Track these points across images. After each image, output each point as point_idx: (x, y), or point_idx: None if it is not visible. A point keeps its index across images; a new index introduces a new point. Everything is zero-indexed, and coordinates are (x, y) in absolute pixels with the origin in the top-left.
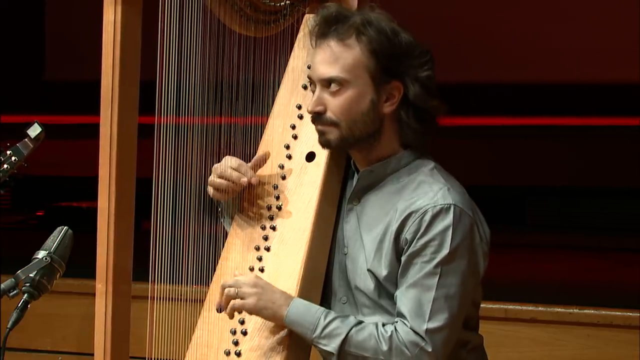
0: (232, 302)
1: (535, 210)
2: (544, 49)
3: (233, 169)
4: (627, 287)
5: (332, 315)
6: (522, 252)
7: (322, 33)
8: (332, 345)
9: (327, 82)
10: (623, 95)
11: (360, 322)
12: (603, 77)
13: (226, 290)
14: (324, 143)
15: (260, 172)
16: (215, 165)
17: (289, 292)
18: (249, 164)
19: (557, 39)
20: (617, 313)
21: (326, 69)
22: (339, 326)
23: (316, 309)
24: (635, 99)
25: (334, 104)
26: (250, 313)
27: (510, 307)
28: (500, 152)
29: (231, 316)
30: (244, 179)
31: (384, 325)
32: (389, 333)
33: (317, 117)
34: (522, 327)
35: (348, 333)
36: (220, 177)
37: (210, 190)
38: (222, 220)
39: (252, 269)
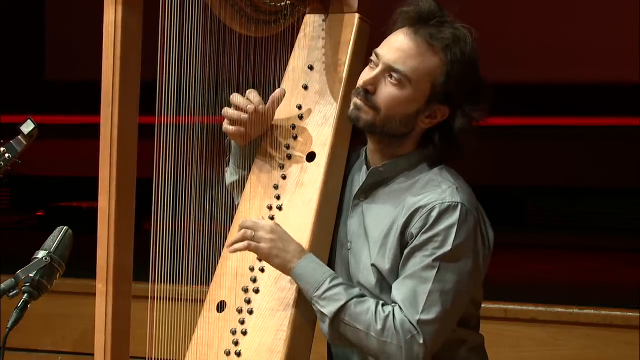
0: (247, 242)
1: (535, 210)
2: (544, 49)
3: (245, 97)
4: (627, 287)
5: (338, 280)
6: (522, 252)
7: (413, 22)
8: (328, 309)
9: (391, 70)
10: (623, 95)
11: (362, 295)
12: (603, 77)
13: (243, 231)
14: (353, 117)
15: (260, 172)
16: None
17: (290, 292)
18: (266, 106)
19: (557, 39)
20: (617, 313)
21: (399, 59)
22: (340, 292)
23: (325, 270)
24: (635, 99)
25: (386, 93)
26: (262, 258)
27: (510, 307)
28: (500, 152)
29: (235, 251)
30: (251, 106)
31: (384, 305)
32: (386, 313)
33: (364, 93)
34: (522, 327)
35: (347, 302)
36: (233, 107)
37: (225, 124)
38: (226, 168)
39: (252, 269)
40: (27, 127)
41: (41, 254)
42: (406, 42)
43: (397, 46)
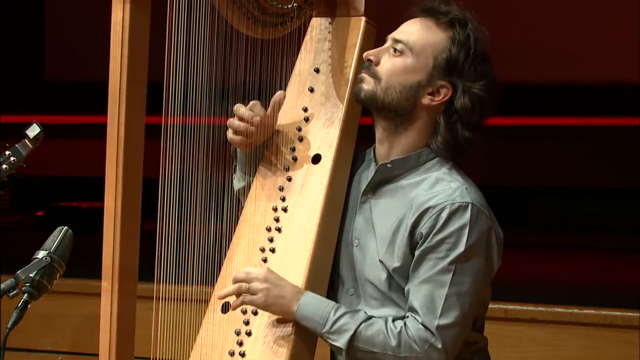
0: (242, 296)
1: (535, 210)
2: (544, 49)
3: (248, 108)
4: (627, 287)
5: (342, 310)
6: (522, 252)
7: (424, 12)
8: (341, 341)
9: (395, 42)
10: (623, 95)
11: (369, 318)
12: (603, 77)
13: (237, 285)
14: (356, 92)
15: (266, 174)
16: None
17: None
18: (267, 111)
19: (557, 39)
20: (617, 313)
21: (403, 33)
22: (348, 322)
23: (326, 304)
24: (635, 99)
25: (388, 63)
26: (260, 309)
27: (510, 307)
28: (500, 152)
29: (234, 308)
30: (257, 118)
31: (393, 320)
32: (398, 329)
33: (367, 65)
34: (522, 327)
35: (357, 329)
36: (236, 117)
37: (229, 133)
38: (232, 175)
39: None
40: (33, 130)
41: (41, 254)
42: (414, 21)
43: (405, 25)
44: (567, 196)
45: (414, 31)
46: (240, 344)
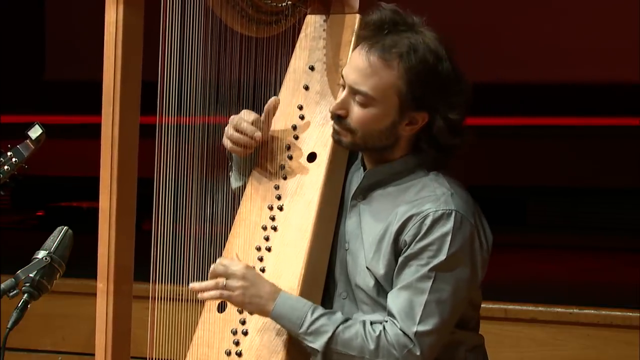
0: (220, 291)
1: (535, 210)
2: (544, 49)
3: (249, 122)
4: (627, 287)
5: (319, 311)
6: (522, 252)
7: (369, 36)
8: (318, 343)
9: (354, 91)
10: (623, 95)
11: (347, 320)
12: (603, 77)
13: (215, 281)
14: (335, 140)
15: (261, 172)
16: (232, 117)
17: (290, 292)
18: (261, 117)
19: (557, 39)
20: (617, 313)
21: (358, 80)
22: (325, 323)
23: (303, 304)
24: (635, 99)
25: (356, 114)
26: (237, 306)
27: (510, 307)
28: (500, 152)
29: (208, 298)
30: (258, 134)
31: (372, 323)
32: (377, 332)
33: (337, 119)
34: (522, 327)
35: (335, 331)
36: (236, 130)
37: (226, 142)
38: (230, 173)
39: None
40: (35, 132)
41: (41, 254)
42: (361, 62)
43: (354, 66)
44: (567, 196)
45: (365, 75)
46: (237, 343)
